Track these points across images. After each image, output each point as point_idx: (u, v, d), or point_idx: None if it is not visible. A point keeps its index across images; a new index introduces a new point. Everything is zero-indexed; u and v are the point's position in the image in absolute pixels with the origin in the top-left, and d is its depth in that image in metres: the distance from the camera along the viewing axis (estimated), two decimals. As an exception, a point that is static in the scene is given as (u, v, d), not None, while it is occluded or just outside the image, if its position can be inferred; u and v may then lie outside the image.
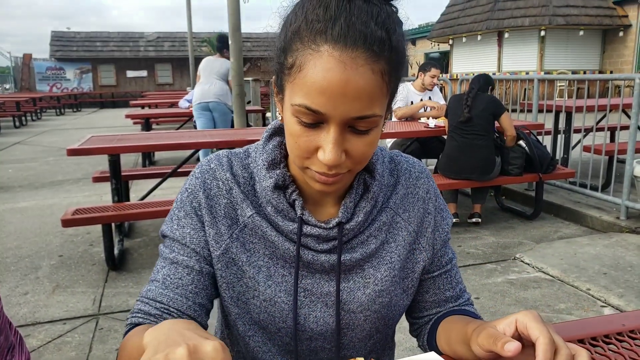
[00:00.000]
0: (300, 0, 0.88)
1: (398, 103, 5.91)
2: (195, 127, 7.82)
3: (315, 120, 0.84)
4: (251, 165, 1.05)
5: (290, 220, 1.00)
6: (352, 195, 1.01)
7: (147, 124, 9.53)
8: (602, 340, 1.11)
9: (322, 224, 0.99)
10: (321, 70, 0.80)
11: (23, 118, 16.90)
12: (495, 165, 4.91)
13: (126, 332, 0.98)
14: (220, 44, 7.21)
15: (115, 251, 4.29)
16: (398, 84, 0.92)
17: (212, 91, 7.09)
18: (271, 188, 0.99)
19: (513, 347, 0.75)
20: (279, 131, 1.05)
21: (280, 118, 0.94)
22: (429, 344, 1.11)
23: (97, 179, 5.22)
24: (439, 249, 1.12)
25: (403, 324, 1.23)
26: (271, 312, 1.02)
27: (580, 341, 1.10)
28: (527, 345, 0.81)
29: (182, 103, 9.54)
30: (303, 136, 0.86)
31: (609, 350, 1.07)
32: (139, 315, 0.98)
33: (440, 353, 1.01)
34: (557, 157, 6.53)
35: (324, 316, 1.04)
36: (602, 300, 3.49)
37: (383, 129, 0.94)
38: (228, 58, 6.67)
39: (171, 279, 1.00)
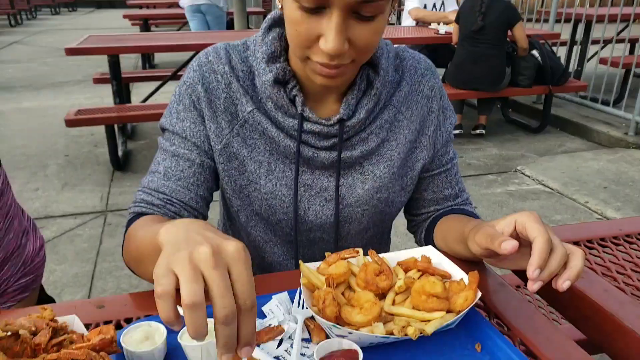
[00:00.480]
0: None
1: (413, 2, 5.65)
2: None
3: (317, 5, 0.78)
4: (250, 58, 1.01)
5: (290, 117, 0.99)
6: (354, 92, 0.99)
7: (145, 25, 9.16)
8: (597, 243, 1.15)
9: (323, 121, 0.98)
10: None
11: (18, 17, 16.31)
12: (505, 76, 4.79)
13: (129, 221, 0.99)
14: None
15: (120, 152, 4.33)
16: None
17: None
18: (271, 82, 0.96)
19: (510, 245, 0.77)
20: (278, 22, 1.00)
21: (279, 7, 0.89)
22: (426, 241, 1.15)
23: (97, 81, 5.13)
24: (440, 148, 1.11)
25: (400, 228, 1.26)
26: (272, 204, 1.05)
27: (576, 243, 1.14)
28: (525, 245, 0.84)
29: (183, 1, 9.10)
30: (304, 23, 0.81)
31: (604, 252, 1.11)
32: (142, 205, 1.00)
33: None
34: (571, 69, 6.34)
35: (323, 209, 1.06)
36: (599, 213, 3.56)
37: (389, 20, 0.90)
38: None
39: (172, 171, 1.01)
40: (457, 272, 0.88)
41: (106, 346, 0.67)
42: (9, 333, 0.65)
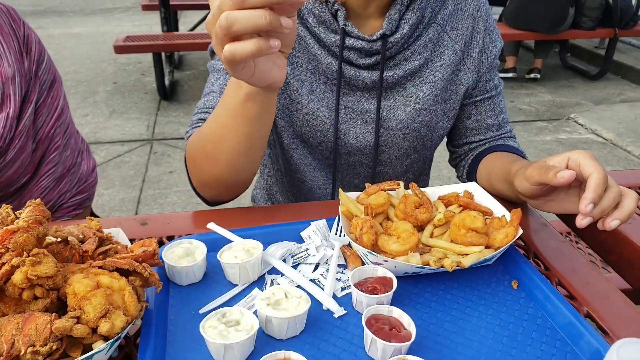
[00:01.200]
0: None
1: None
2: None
3: None
4: None
5: (332, 32, 0.97)
6: (397, 6, 0.96)
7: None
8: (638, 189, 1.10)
9: (366, 37, 0.96)
10: None
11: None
12: (567, 17, 4.48)
13: (188, 140, 0.98)
14: None
15: (166, 81, 4.38)
16: None
17: None
18: None
19: (567, 174, 0.73)
20: None
21: None
22: (469, 179, 1.12)
23: (146, 7, 5.13)
24: (485, 72, 1.07)
25: (443, 171, 1.24)
26: (313, 125, 1.04)
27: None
28: (574, 186, 0.81)
29: None
30: None
31: (655, 200, 1.06)
32: (200, 124, 0.99)
33: None
34: None
35: (363, 133, 1.05)
36: (654, 166, 3.40)
37: None
38: None
39: None
40: (499, 209, 0.87)
41: (148, 258, 0.70)
42: (59, 239, 0.68)
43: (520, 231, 0.79)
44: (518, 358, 0.66)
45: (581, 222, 0.73)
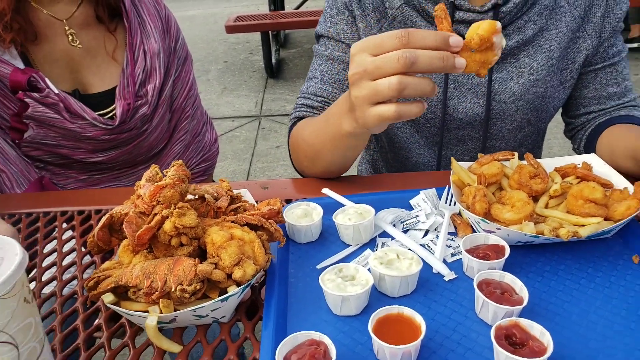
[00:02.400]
0: None
1: None
2: None
3: None
4: None
5: None
6: None
7: None
8: None
9: (477, 8, 0.94)
10: None
11: None
12: None
13: (292, 126, 1.08)
14: None
15: (273, 60, 4.54)
16: None
17: None
18: None
19: None
20: None
21: None
22: (586, 151, 1.07)
23: (254, -12, 5.32)
24: (607, 37, 1.01)
25: (553, 148, 1.19)
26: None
27: None
28: None
29: None
30: None
31: None
32: (302, 109, 1.07)
33: None
34: None
35: (474, 107, 1.03)
36: None
37: None
38: None
39: (329, 74, 1.05)
40: (621, 182, 0.83)
41: (274, 216, 0.77)
42: (197, 197, 0.77)
43: (644, 202, 0.75)
44: (638, 332, 0.65)
45: None
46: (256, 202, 0.88)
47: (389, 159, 1.21)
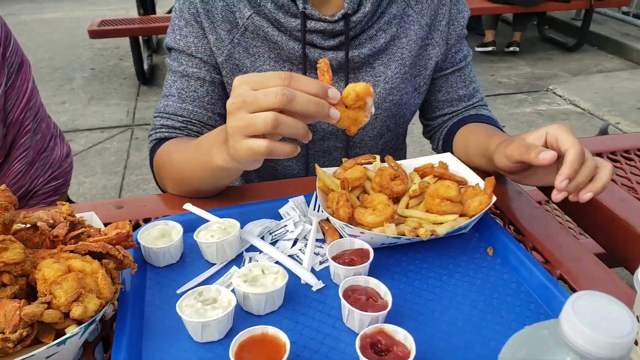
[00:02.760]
0: None
1: None
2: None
3: None
4: None
5: (292, 16, 0.94)
6: None
7: None
8: (621, 155, 1.11)
9: (327, 17, 0.94)
10: None
11: None
12: (544, -12, 4.49)
13: (153, 148, 1.01)
14: None
15: (145, 66, 4.31)
16: None
17: None
18: None
19: (549, 155, 0.73)
20: None
21: None
22: (444, 150, 1.13)
23: (120, -9, 5.02)
24: (454, 44, 1.07)
25: (415, 141, 1.24)
26: None
27: (599, 155, 1.11)
28: None
29: None
30: None
31: (627, 164, 1.08)
32: (163, 130, 1.00)
33: None
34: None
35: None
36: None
37: None
38: None
39: (186, 92, 1.00)
40: (473, 178, 0.87)
41: (122, 240, 0.69)
42: (28, 225, 0.67)
43: (494, 198, 0.80)
44: (493, 322, 0.68)
45: (556, 197, 0.74)
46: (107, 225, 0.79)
47: (259, 171, 1.18)
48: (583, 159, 0.74)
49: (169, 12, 4.87)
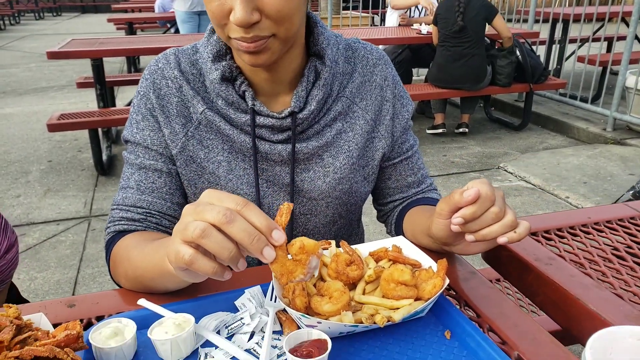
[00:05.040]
0: None
1: None
2: (177, 32, 7.58)
3: None
4: (199, 61, 1.03)
5: (242, 112, 1.00)
6: (303, 84, 0.99)
7: (130, 28, 9.14)
8: (567, 232, 1.17)
9: (275, 114, 0.99)
10: None
11: (0, 22, 16.15)
12: (486, 75, 4.84)
13: (110, 240, 1.00)
14: None
15: (104, 157, 4.30)
16: None
17: None
18: (218, 80, 0.98)
19: (472, 191, 0.77)
20: None
21: None
22: (397, 233, 1.16)
23: (81, 85, 5.09)
24: (399, 136, 1.13)
25: (374, 218, 1.27)
26: None
27: (547, 232, 1.16)
28: None
29: (178, 5, 9.06)
30: (214, 1, 0.83)
31: (573, 240, 1.13)
32: (122, 222, 1.00)
33: None
34: (550, 67, 6.43)
35: None
36: (580, 207, 3.61)
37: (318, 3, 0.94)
38: None
39: (145, 184, 1.02)
40: (426, 261, 0.90)
41: (72, 342, 0.67)
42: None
43: (447, 281, 0.81)
44: (454, 409, 0.67)
45: (453, 227, 0.81)
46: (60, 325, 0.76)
47: None
48: (487, 201, 0.78)
49: (129, 104, 4.96)
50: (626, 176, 4.08)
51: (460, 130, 5.15)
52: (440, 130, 5.11)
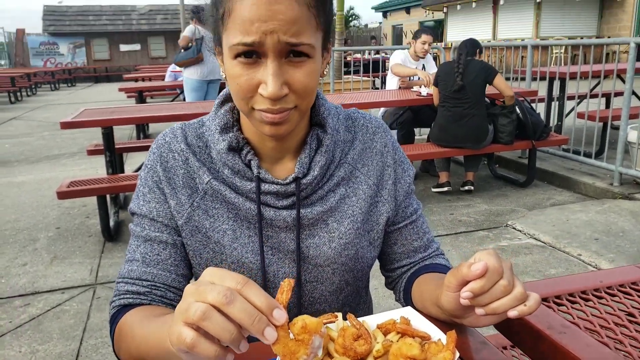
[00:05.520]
0: None
1: (396, 59, 5.92)
2: (183, 99, 7.86)
3: (252, 55, 0.87)
4: (205, 133, 1.07)
5: (248, 180, 1.02)
6: (306, 151, 1.04)
7: (140, 97, 9.46)
8: (579, 297, 1.14)
9: (280, 181, 1.02)
10: (248, 5, 0.84)
11: (18, 93, 16.75)
12: (488, 134, 4.91)
13: (115, 314, 1.00)
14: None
15: (111, 223, 4.32)
16: (329, 23, 0.96)
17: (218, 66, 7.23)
18: (225, 150, 1.01)
19: (480, 265, 0.76)
20: (229, 98, 1.07)
21: (224, 76, 0.96)
22: (405, 302, 1.14)
23: (91, 152, 5.21)
24: (403, 200, 1.14)
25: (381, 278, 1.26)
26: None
27: (558, 297, 1.13)
28: None
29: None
30: (244, 75, 0.88)
31: (586, 305, 1.11)
32: (127, 296, 1.00)
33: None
34: (551, 124, 6.52)
35: (293, 272, 1.06)
36: (593, 265, 3.54)
37: (325, 73, 0.99)
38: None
39: (150, 256, 1.03)
40: (436, 333, 0.87)
41: None
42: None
43: (457, 354, 0.79)
44: None
45: (462, 301, 0.80)
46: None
47: None
48: (496, 274, 0.77)
49: (137, 170, 5.04)
50: (638, 232, 4.04)
51: (466, 188, 5.16)
52: (445, 189, 5.12)
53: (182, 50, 7.14)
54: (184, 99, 7.84)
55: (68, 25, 29.24)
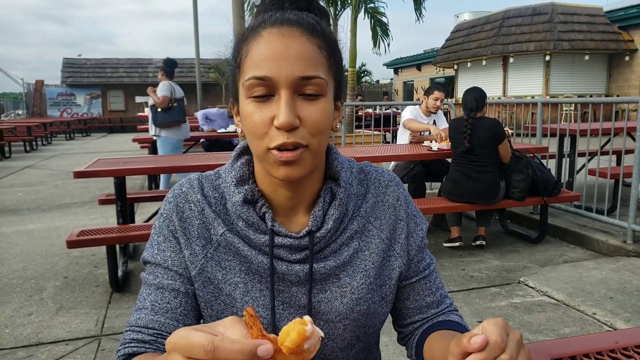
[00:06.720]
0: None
1: (407, 114, 6.01)
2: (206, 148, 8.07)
3: (265, 92, 0.90)
4: (222, 185, 1.09)
5: (261, 233, 1.02)
6: (320, 204, 1.04)
7: (153, 147, 9.62)
8: (594, 357, 1.11)
9: (293, 234, 1.02)
10: (263, 44, 0.89)
11: (34, 142, 17.16)
12: (500, 190, 4.90)
13: None
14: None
15: (119, 273, 4.31)
16: (341, 74, 1.00)
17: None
18: (240, 202, 1.02)
19: (479, 339, 0.73)
20: (246, 151, 1.10)
21: (240, 131, 0.99)
22: (417, 358, 1.11)
23: (103, 202, 5.26)
24: (415, 254, 1.13)
25: (393, 338, 1.23)
26: None
27: (572, 358, 1.10)
28: None
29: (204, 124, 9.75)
30: (257, 112, 0.91)
31: (602, 368, 1.07)
32: (132, 344, 0.99)
33: None
34: (562, 180, 6.51)
35: None
36: (609, 325, 3.44)
37: (337, 128, 1.02)
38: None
39: (159, 304, 1.02)
40: (446, 394, 0.85)
41: None
42: None
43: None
44: None
45: None
46: None
47: None
48: (494, 346, 0.71)
49: (148, 220, 5.07)
50: (654, 290, 3.94)
51: (477, 243, 5.11)
52: (457, 244, 5.07)
53: (159, 110, 7.04)
54: (204, 149, 7.98)
55: (86, 77, 30.35)
